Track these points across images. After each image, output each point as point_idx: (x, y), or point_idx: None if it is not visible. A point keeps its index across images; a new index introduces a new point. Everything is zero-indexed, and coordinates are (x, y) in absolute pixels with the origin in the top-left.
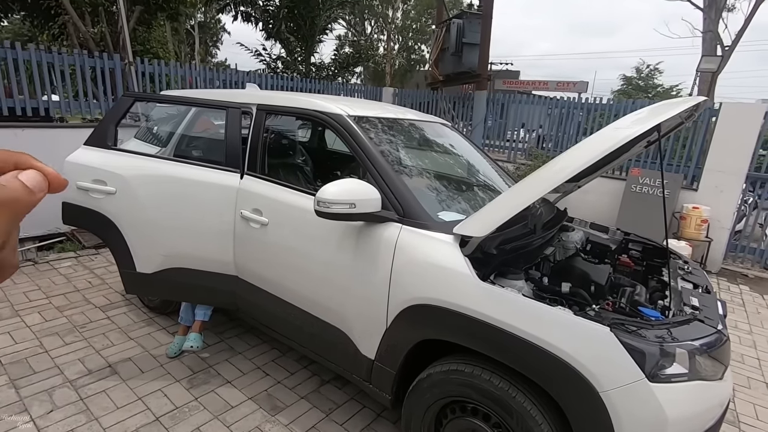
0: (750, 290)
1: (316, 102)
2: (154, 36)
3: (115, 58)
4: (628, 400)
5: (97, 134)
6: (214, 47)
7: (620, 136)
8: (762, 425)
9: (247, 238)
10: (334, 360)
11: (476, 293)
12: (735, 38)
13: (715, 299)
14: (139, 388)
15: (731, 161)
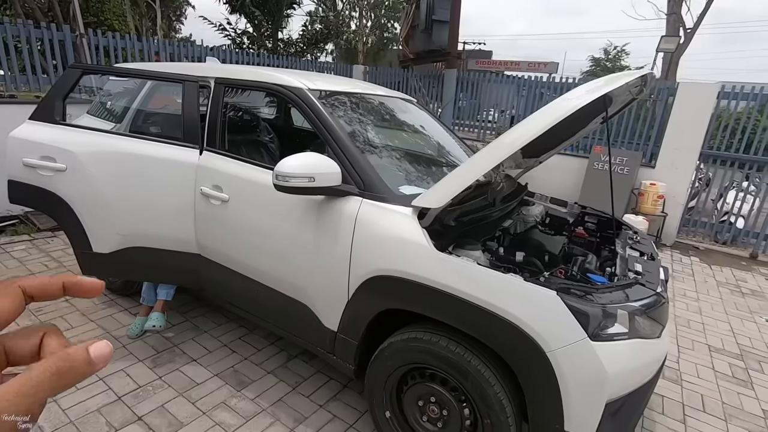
0: (700, 261)
1: (276, 75)
2: (109, 7)
3: (65, 30)
4: (572, 358)
5: (44, 108)
6: (178, 22)
7: (568, 106)
8: (701, 382)
9: (208, 216)
10: (298, 334)
11: (433, 263)
12: (696, 21)
13: (657, 265)
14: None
15: (686, 139)
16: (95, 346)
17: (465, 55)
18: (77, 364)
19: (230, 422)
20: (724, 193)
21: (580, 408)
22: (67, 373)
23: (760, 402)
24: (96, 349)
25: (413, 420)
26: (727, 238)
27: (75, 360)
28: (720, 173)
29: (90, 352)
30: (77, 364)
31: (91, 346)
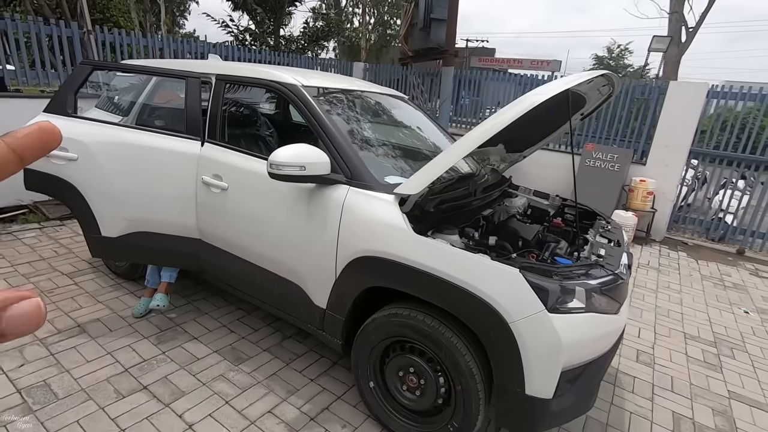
0: (687, 256)
1: (273, 72)
2: (115, 3)
3: (73, 26)
4: (531, 328)
5: (57, 102)
6: (182, 17)
7: (530, 100)
8: (673, 366)
9: (209, 203)
10: (291, 312)
11: (411, 244)
12: (699, 19)
13: (621, 251)
14: (108, 345)
15: (676, 137)
16: (18, 306)
17: (468, 52)
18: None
19: (228, 392)
20: (717, 191)
21: (538, 373)
22: None
23: (727, 384)
24: (15, 312)
25: (394, 389)
26: (719, 235)
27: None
28: (717, 172)
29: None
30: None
31: (11, 308)
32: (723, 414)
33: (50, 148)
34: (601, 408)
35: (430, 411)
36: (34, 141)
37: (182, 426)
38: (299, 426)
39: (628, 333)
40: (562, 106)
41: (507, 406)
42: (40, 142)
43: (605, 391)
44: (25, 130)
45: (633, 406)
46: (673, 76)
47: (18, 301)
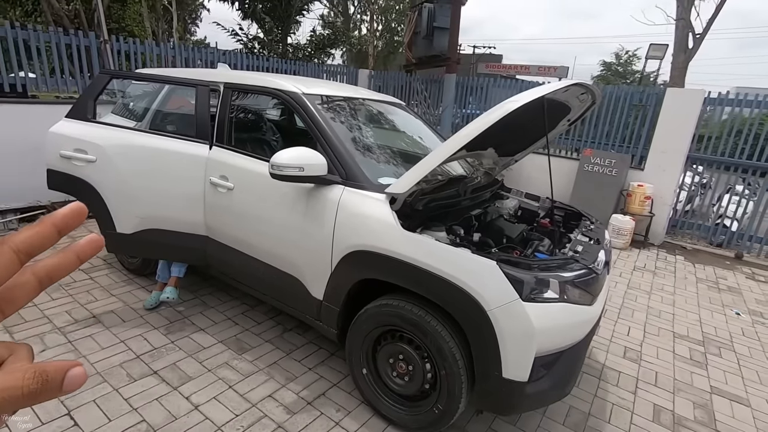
0: (684, 260)
1: (276, 81)
2: (129, 14)
3: (90, 36)
4: (507, 315)
5: (78, 108)
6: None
7: (507, 106)
8: (659, 362)
9: (216, 202)
10: (290, 303)
11: (399, 239)
12: (706, 26)
13: (599, 248)
14: (121, 334)
15: (673, 143)
16: (73, 372)
17: (475, 59)
18: (50, 387)
19: (231, 378)
20: (720, 197)
21: (514, 357)
22: (35, 396)
23: (710, 380)
24: (72, 376)
25: (385, 375)
26: (721, 240)
27: (50, 384)
28: (722, 177)
29: (66, 378)
30: (50, 387)
31: (70, 371)
32: (703, 407)
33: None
34: (584, 399)
35: (418, 395)
36: (69, 219)
37: (189, 407)
38: (297, 409)
39: (617, 331)
40: (548, 112)
41: (486, 389)
42: (75, 220)
43: (589, 383)
44: (63, 211)
45: (615, 398)
46: (680, 82)
47: (70, 368)
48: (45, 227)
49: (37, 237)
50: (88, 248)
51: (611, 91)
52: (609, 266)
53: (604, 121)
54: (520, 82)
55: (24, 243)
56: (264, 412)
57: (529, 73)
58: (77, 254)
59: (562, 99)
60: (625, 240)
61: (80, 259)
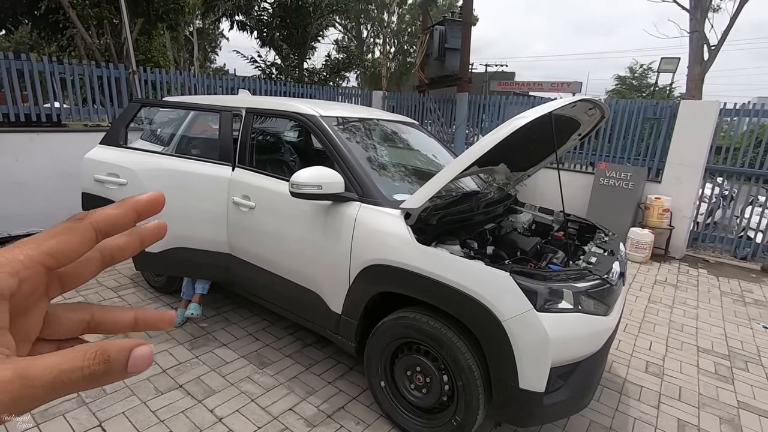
0: (707, 273)
1: (295, 105)
2: (155, 45)
3: (120, 68)
4: (521, 325)
5: (111, 135)
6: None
7: (515, 123)
8: (682, 377)
9: (238, 221)
10: (310, 318)
11: (414, 253)
12: (720, 38)
13: (613, 259)
14: None
15: (690, 155)
16: (138, 352)
17: (487, 77)
18: (114, 368)
19: (253, 391)
20: (743, 209)
21: (530, 367)
22: (98, 378)
23: (737, 395)
24: (138, 355)
25: (403, 388)
26: (746, 253)
27: (113, 364)
28: (744, 189)
29: (130, 359)
30: (114, 368)
31: (135, 351)
32: (730, 422)
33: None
34: (605, 413)
35: (436, 408)
36: (148, 206)
37: (213, 419)
38: (317, 422)
39: (638, 345)
40: (558, 128)
41: (504, 400)
42: (153, 207)
43: (610, 397)
44: (145, 197)
45: (638, 413)
46: (697, 94)
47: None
48: (126, 210)
49: (118, 218)
50: (154, 233)
51: (625, 105)
52: (624, 277)
53: (619, 135)
54: (532, 98)
55: (105, 222)
56: (285, 425)
57: (542, 90)
58: (142, 239)
59: (571, 114)
60: (645, 254)
61: (143, 244)
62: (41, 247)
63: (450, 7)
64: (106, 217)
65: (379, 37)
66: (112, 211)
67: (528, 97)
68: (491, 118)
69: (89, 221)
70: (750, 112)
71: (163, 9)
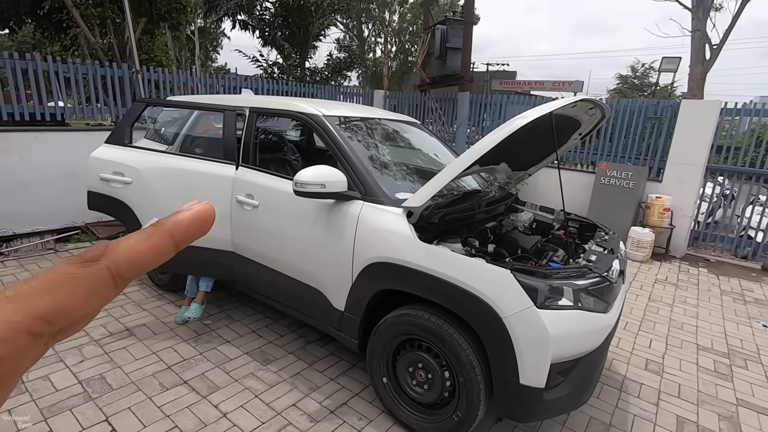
0: (708, 272)
1: (298, 104)
2: (157, 45)
3: (123, 68)
4: (522, 322)
5: (116, 134)
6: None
7: (516, 123)
8: (682, 374)
9: (242, 219)
10: (313, 315)
11: (416, 251)
12: (722, 37)
13: (612, 257)
14: (153, 346)
15: (691, 154)
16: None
17: (489, 76)
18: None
19: (257, 387)
20: (744, 208)
21: (530, 363)
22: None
23: (736, 392)
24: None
25: (405, 384)
26: (747, 252)
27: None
28: (745, 188)
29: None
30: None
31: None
32: (729, 419)
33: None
34: (605, 410)
35: (438, 403)
36: (194, 229)
37: (218, 414)
38: (320, 417)
39: (638, 343)
40: (559, 127)
41: (505, 395)
42: (199, 230)
43: (610, 394)
44: (187, 219)
45: (637, 410)
46: (699, 93)
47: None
48: (161, 240)
49: (147, 255)
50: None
51: (626, 105)
52: (624, 275)
53: (620, 135)
54: (534, 97)
55: (128, 264)
56: (289, 420)
57: (544, 89)
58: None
59: (572, 114)
60: (645, 253)
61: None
62: (30, 307)
63: (452, 6)
64: (130, 257)
65: (380, 36)
66: (140, 246)
67: (529, 96)
68: (492, 117)
69: (106, 264)
70: (751, 111)
71: (166, 8)
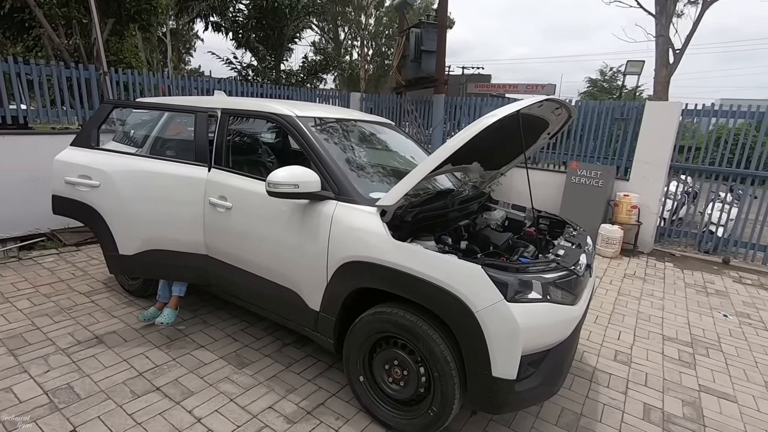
0: (673, 266)
1: (271, 105)
2: (127, 46)
3: (90, 69)
4: (493, 315)
5: (82, 136)
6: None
7: (484, 121)
8: (649, 364)
9: (215, 221)
10: (288, 316)
11: (390, 249)
12: (684, 42)
13: (580, 252)
14: (123, 353)
15: (655, 153)
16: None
17: (464, 79)
18: None
19: (232, 391)
20: (706, 205)
21: (501, 355)
22: None
23: (699, 379)
24: None
25: (381, 381)
26: (709, 247)
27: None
28: (706, 186)
29: None
30: None
31: None
32: (692, 404)
33: None
34: (576, 400)
35: (414, 400)
36: None
37: (192, 420)
38: (297, 419)
39: (607, 336)
40: (528, 127)
41: (478, 388)
42: None
43: (581, 385)
44: None
45: (606, 399)
46: (663, 96)
47: None
48: None
49: None
50: None
51: (594, 106)
52: (591, 269)
53: (589, 135)
54: (507, 99)
55: None
56: (265, 423)
57: (518, 92)
58: None
59: (539, 114)
60: (614, 249)
61: None
62: None
63: (426, 9)
64: None
65: (356, 40)
66: None
67: (503, 98)
68: (468, 119)
69: None
70: (709, 112)
71: (135, 9)
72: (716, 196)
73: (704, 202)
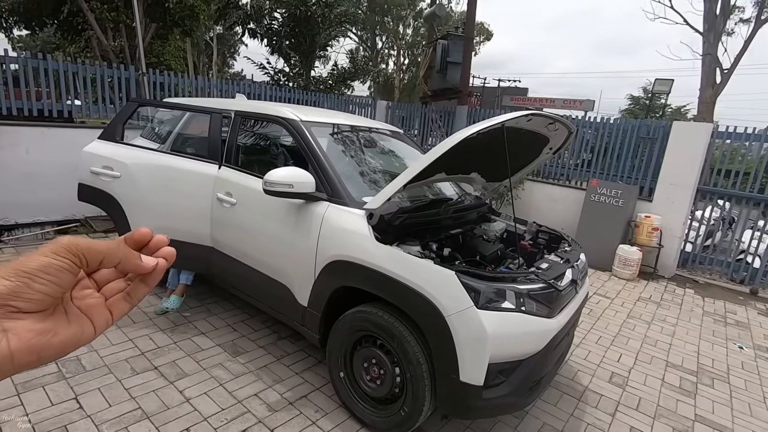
0: (694, 293)
1: (278, 109)
2: (169, 49)
3: (130, 69)
4: (462, 320)
5: (108, 131)
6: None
7: (463, 133)
8: (645, 389)
9: (220, 216)
10: (280, 309)
11: (372, 250)
12: (734, 61)
13: (565, 267)
14: (130, 333)
15: (681, 175)
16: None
17: (500, 91)
18: None
19: (223, 377)
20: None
21: (469, 361)
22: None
23: (696, 408)
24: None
25: (360, 379)
26: (744, 276)
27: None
28: (744, 213)
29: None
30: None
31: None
32: None
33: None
34: (559, 417)
35: (388, 399)
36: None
37: (181, 399)
38: (278, 408)
39: (607, 357)
40: (532, 141)
41: (446, 391)
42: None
43: (568, 403)
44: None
45: (592, 419)
46: (708, 116)
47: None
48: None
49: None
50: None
51: (619, 124)
52: (577, 285)
53: (612, 153)
54: None
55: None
56: (248, 408)
57: (555, 106)
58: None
59: (531, 128)
60: (632, 271)
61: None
62: None
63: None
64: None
65: (393, 49)
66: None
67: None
68: None
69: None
70: (742, 136)
71: (179, 15)
72: (755, 224)
73: (740, 229)
